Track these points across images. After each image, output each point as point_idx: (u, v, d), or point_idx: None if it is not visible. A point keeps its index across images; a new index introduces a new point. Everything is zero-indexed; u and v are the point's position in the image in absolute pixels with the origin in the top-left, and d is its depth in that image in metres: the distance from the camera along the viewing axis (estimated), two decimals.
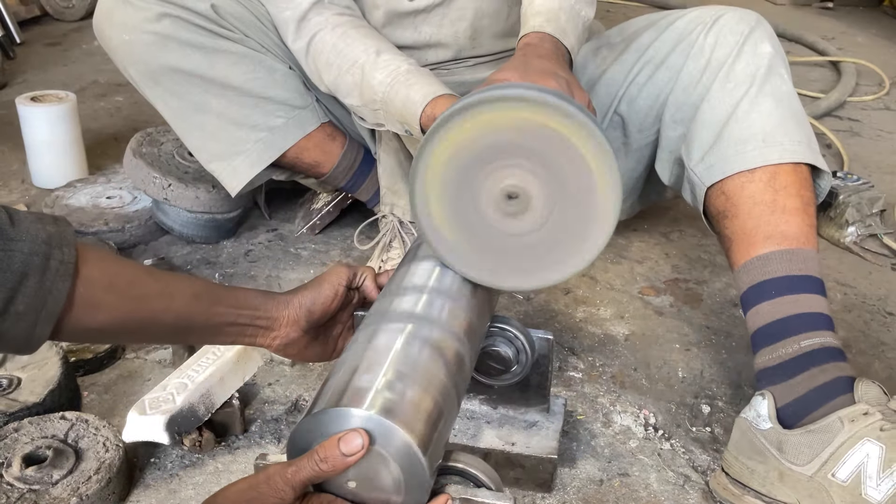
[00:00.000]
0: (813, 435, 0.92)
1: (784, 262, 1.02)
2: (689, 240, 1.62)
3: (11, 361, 1.11)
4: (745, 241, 1.05)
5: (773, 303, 1.01)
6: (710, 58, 1.15)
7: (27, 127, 1.74)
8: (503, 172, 0.82)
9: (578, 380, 1.21)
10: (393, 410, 0.68)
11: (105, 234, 1.52)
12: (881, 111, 2.36)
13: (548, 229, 0.83)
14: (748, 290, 1.05)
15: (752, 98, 1.10)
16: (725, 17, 1.17)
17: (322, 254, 1.55)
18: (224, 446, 1.07)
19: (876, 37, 3.11)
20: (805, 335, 0.99)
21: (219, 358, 1.09)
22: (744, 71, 1.12)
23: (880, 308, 1.41)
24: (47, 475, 0.93)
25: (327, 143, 1.42)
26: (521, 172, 0.81)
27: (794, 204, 1.05)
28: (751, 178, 1.07)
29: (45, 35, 2.94)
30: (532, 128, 0.79)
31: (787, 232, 1.03)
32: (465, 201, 0.84)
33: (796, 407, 0.95)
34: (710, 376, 1.23)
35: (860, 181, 1.64)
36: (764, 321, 1.02)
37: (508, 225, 0.84)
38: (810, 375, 0.96)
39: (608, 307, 1.40)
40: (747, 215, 1.06)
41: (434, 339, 0.78)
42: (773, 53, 1.13)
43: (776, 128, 1.08)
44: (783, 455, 0.93)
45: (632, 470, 1.05)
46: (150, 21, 1.26)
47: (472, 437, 1.02)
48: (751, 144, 1.08)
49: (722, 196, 1.10)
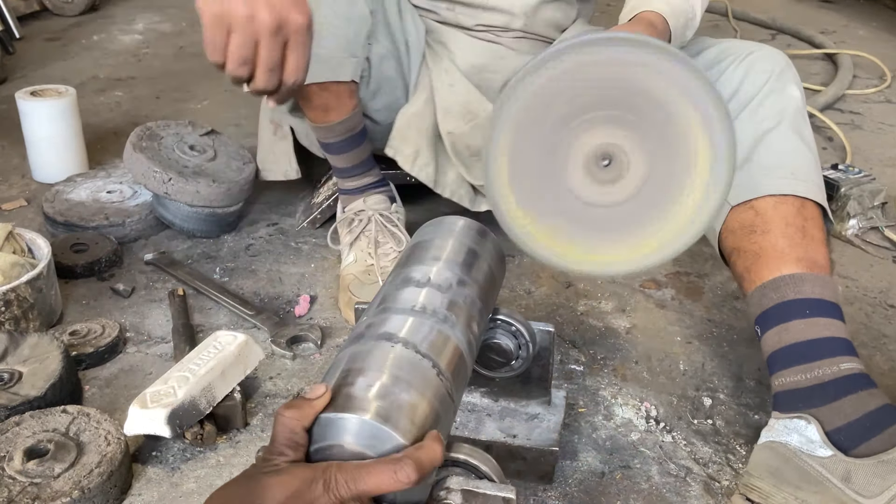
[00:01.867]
0: (886, 465, 0.86)
1: (818, 286, 1.00)
2: None
3: (12, 356, 1.11)
4: (777, 257, 1.02)
5: (808, 322, 0.97)
6: (737, 89, 1.14)
7: (27, 122, 1.74)
8: (594, 130, 0.72)
9: (580, 373, 1.21)
10: (388, 416, 0.67)
11: (105, 228, 1.52)
12: (882, 104, 2.36)
13: (642, 199, 0.75)
14: (778, 305, 1.00)
15: (781, 133, 1.09)
16: (757, 55, 1.16)
17: (323, 248, 1.55)
18: (226, 440, 1.07)
19: (877, 30, 3.10)
20: (843, 358, 0.95)
21: (220, 352, 1.09)
22: (773, 107, 1.11)
23: (882, 301, 1.41)
24: (49, 469, 0.93)
25: (346, 98, 1.33)
26: (620, 130, 0.72)
27: (820, 236, 1.05)
28: (783, 200, 1.05)
29: (44, 30, 2.93)
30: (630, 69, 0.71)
31: (817, 259, 1.02)
32: (550, 165, 0.74)
33: (850, 432, 0.90)
34: (712, 369, 1.23)
35: (862, 174, 1.64)
36: (795, 339, 0.98)
37: (600, 194, 0.75)
38: (859, 399, 0.92)
39: (609, 300, 1.40)
40: (780, 233, 1.04)
41: (432, 339, 0.77)
42: (800, 98, 1.13)
43: (802, 166, 1.08)
44: (849, 485, 0.87)
45: (633, 462, 1.05)
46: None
47: (474, 430, 1.02)
48: (780, 172, 1.07)
49: (751, 211, 1.07)
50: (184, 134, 1.63)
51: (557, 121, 0.73)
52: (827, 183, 1.60)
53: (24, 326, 1.22)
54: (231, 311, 1.34)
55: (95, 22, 3.07)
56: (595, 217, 0.76)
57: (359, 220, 1.39)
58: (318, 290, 1.42)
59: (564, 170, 0.75)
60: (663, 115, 0.72)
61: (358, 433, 0.67)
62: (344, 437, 0.67)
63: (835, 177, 1.62)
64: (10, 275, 1.22)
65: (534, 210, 0.77)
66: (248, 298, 1.38)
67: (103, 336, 1.22)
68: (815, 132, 2.05)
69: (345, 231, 1.40)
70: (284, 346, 1.24)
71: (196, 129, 1.65)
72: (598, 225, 0.77)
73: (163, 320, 1.32)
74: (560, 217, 0.77)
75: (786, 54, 1.17)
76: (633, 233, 0.76)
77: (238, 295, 1.38)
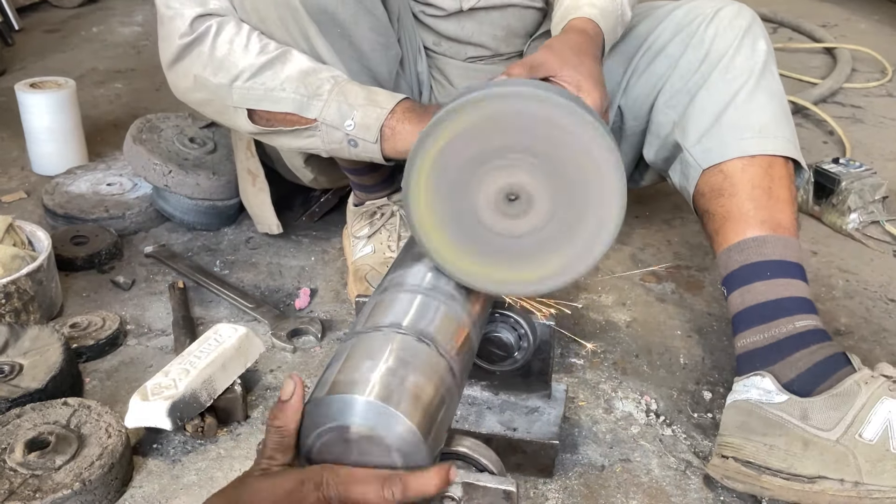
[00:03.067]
0: (837, 398, 0.93)
1: (779, 247, 1.05)
2: (690, 227, 1.62)
3: (13, 348, 1.11)
4: (742, 220, 1.08)
5: (769, 283, 1.03)
6: (709, 49, 1.19)
7: (27, 114, 1.74)
8: (502, 171, 0.80)
9: (580, 366, 1.21)
10: (393, 397, 0.68)
11: (105, 221, 1.52)
12: (884, 98, 2.35)
13: (550, 230, 0.81)
14: (742, 268, 1.06)
15: (749, 90, 1.14)
16: (725, 11, 1.21)
17: (323, 241, 1.54)
18: (226, 432, 1.07)
19: (879, 23, 3.09)
20: (799, 316, 1.01)
21: (220, 344, 1.09)
22: (743, 65, 1.16)
23: (882, 295, 1.41)
24: (50, 460, 0.94)
25: None
26: (521, 172, 0.79)
27: (786, 195, 1.09)
28: (751, 162, 1.10)
29: (43, 22, 2.92)
30: (536, 123, 0.78)
31: (781, 220, 1.07)
32: (462, 203, 0.81)
33: (802, 381, 0.96)
34: (712, 363, 1.23)
35: (862, 168, 1.64)
36: (756, 300, 1.04)
37: (507, 226, 0.82)
38: (810, 352, 0.98)
39: (610, 294, 1.40)
40: (746, 196, 1.09)
41: (436, 324, 0.78)
42: (767, 51, 1.18)
43: (770, 121, 1.13)
44: (808, 422, 0.93)
45: (633, 455, 1.05)
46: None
47: (474, 423, 1.02)
48: (748, 132, 1.12)
49: (720, 174, 1.12)
50: (184, 126, 1.63)
51: (469, 162, 0.80)
52: (828, 177, 1.62)
53: (24, 319, 1.22)
54: (231, 303, 1.34)
55: (95, 14, 3.06)
56: (503, 245, 0.83)
57: (381, 214, 1.40)
58: (319, 283, 1.41)
59: (476, 204, 0.81)
60: (563, 157, 0.78)
61: (364, 414, 0.68)
62: (350, 418, 0.68)
63: (836, 171, 1.62)
64: (10, 267, 1.22)
65: (447, 234, 0.83)
66: (248, 291, 1.38)
67: (104, 329, 1.23)
68: (814, 126, 2.07)
69: (363, 223, 1.40)
70: (285, 339, 1.24)
71: (196, 122, 1.65)
72: (505, 252, 0.83)
73: (163, 313, 1.32)
74: (471, 243, 0.83)
75: (752, 9, 1.22)
76: (536, 259, 0.83)
77: (238, 288, 1.38)
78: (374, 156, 1.09)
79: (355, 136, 1.08)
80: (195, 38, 1.12)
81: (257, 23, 1.13)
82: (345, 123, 1.07)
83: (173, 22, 1.13)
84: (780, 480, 0.94)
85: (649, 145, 1.29)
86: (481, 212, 0.82)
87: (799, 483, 0.93)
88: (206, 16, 1.12)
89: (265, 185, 1.43)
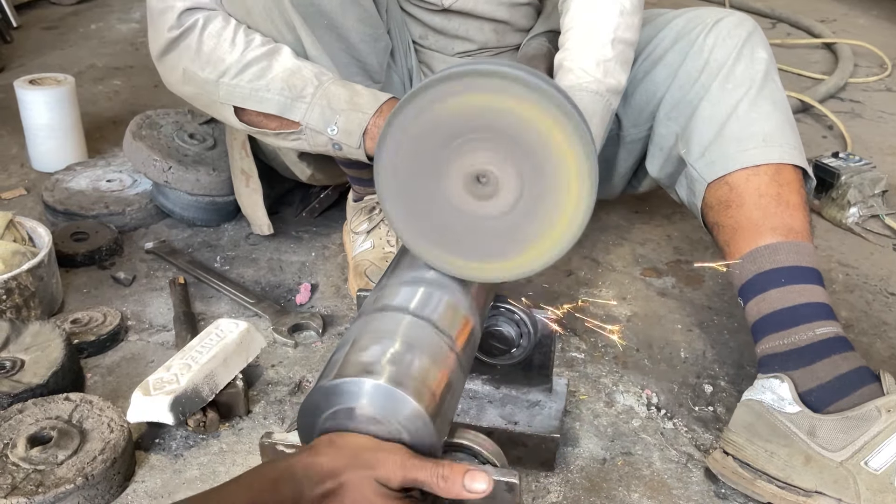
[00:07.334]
0: (849, 421, 0.90)
1: (792, 253, 1.03)
2: (690, 221, 1.62)
3: (14, 344, 1.11)
4: (752, 230, 1.06)
5: (783, 290, 1.01)
6: (708, 58, 1.17)
7: (26, 110, 1.73)
8: (473, 154, 0.78)
9: (581, 360, 1.21)
10: (402, 380, 0.69)
11: (105, 217, 1.52)
12: (883, 93, 2.36)
13: (518, 213, 0.80)
14: (755, 277, 1.04)
15: (751, 99, 1.13)
16: (725, 21, 1.19)
17: (323, 237, 1.54)
18: (228, 427, 1.07)
19: (878, 18, 3.09)
20: (819, 323, 0.98)
21: (222, 339, 1.09)
22: (743, 74, 1.14)
23: (882, 288, 1.41)
24: (52, 456, 0.94)
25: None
26: (490, 152, 0.78)
27: (797, 200, 1.07)
28: (756, 171, 1.08)
29: (42, 19, 2.91)
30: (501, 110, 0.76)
31: (792, 225, 1.05)
32: (433, 183, 0.80)
33: (821, 393, 0.94)
34: (713, 357, 1.23)
35: (862, 162, 1.64)
36: (773, 307, 1.01)
37: (477, 207, 0.81)
38: (832, 362, 0.95)
39: (610, 289, 1.40)
40: (754, 206, 1.07)
41: (441, 311, 0.79)
42: (768, 60, 1.17)
43: (774, 130, 1.11)
44: (814, 439, 0.92)
45: (634, 449, 1.05)
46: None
47: (475, 417, 1.02)
48: (752, 143, 1.10)
49: (725, 187, 1.10)
50: (183, 122, 1.63)
51: (437, 143, 0.79)
52: (827, 171, 1.62)
53: (25, 315, 1.22)
54: (232, 299, 1.34)
55: (93, 11, 3.05)
56: (476, 228, 0.82)
57: (380, 209, 1.39)
58: (319, 278, 1.42)
59: (446, 185, 0.80)
60: (530, 137, 0.77)
61: (372, 396, 0.68)
62: (358, 401, 0.69)
63: (835, 165, 1.62)
64: (11, 263, 1.22)
65: (419, 221, 0.82)
66: (248, 287, 1.38)
67: (105, 324, 1.23)
68: (814, 121, 2.07)
69: (363, 218, 1.40)
70: (286, 334, 1.24)
71: (195, 118, 1.65)
72: (479, 236, 0.82)
73: (164, 308, 1.32)
74: (444, 228, 0.82)
75: (754, 20, 1.21)
76: (511, 243, 0.82)
77: (239, 283, 1.38)
78: (358, 158, 1.10)
79: (339, 141, 1.08)
80: (183, 31, 1.12)
81: (243, 15, 1.13)
82: (328, 129, 1.08)
83: (163, 15, 1.14)
84: (775, 488, 0.94)
85: (653, 158, 1.27)
86: (453, 197, 0.80)
87: (794, 494, 0.93)
88: (194, 9, 1.12)
89: (258, 186, 1.43)
